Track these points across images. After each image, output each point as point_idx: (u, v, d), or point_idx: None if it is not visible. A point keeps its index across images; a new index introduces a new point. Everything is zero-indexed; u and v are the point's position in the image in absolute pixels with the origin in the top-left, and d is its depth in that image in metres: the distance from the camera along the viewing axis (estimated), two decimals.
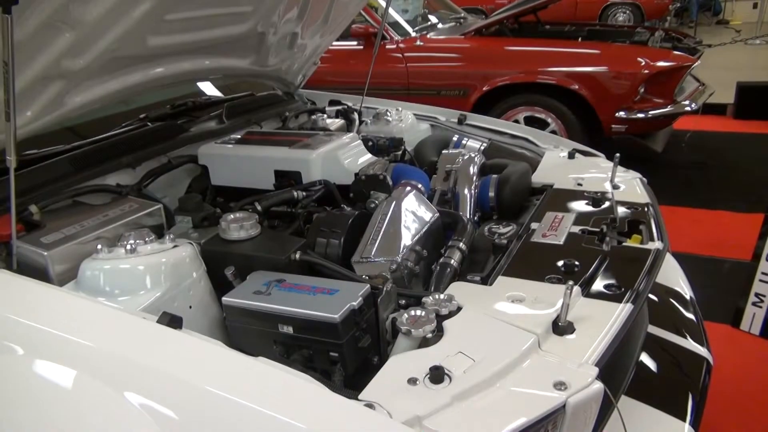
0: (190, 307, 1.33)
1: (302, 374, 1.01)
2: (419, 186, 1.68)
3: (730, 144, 5.55)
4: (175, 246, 1.34)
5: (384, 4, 4.97)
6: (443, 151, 1.98)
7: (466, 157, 1.90)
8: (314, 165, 1.74)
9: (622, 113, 4.14)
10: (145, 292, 1.26)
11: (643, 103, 4.16)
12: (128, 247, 1.29)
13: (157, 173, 1.80)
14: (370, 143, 1.98)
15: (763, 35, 11.37)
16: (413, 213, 1.55)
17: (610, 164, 2.16)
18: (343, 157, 1.76)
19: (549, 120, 4.36)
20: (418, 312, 1.18)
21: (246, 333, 1.27)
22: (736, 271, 3.01)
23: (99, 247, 1.32)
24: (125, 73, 1.80)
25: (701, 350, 1.66)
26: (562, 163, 2.15)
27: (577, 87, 4.15)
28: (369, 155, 1.86)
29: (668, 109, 4.17)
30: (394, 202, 1.55)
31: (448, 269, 1.45)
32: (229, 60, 2.25)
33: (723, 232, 3.75)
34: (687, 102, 4.31)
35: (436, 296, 1.23)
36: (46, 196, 1.57)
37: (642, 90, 4.10)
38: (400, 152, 2.02)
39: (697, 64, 4.24)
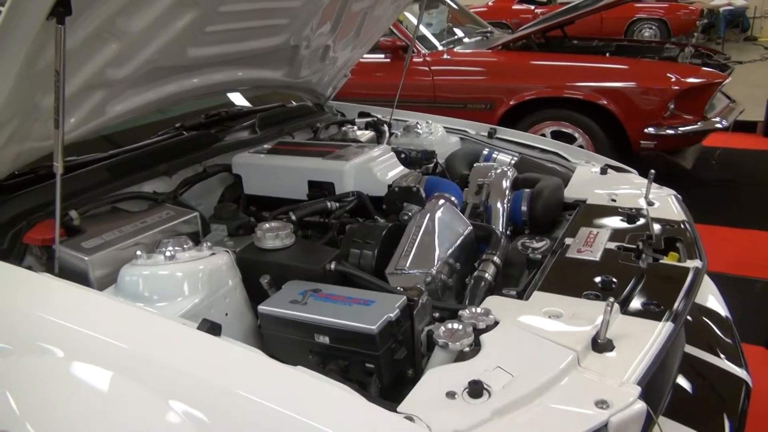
0: (226, 314, 1.34)
1: (342, 385, 1.01)
2: (452, 199, 1.67)
3: (760, 162, 5.46)
4: (212, 254, 1.36)
5: (412, 19, 5.01)
6: (475, 165, 1.98)
7: (498, 171, 1.89)
8: (347, 176, 1.75)
9: (651, 129, 4.10)
10: (182, 298, 1.28)
11: (672, 119, 4.12)
12: (167, 253, 1.31)
13: (192, 181, 1.83)
14: (403, 155, 1.99)
15: None
16: (447, 226, 1.55)
17: (644, 180, 2.14)
18: (376, 168, 1.77)
19: (576, 135, 4.34)
20: (456, 325, 1.17)
21: (281, 342, 1.27)
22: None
23: (138, 253, 1.34)
24: (163, 83, 1.84)
25: (740, 372, 1.62)
26: (594, 179, 2.13)
27: (605, 102, 4.12)
28: (401, 167, 1.87)
29: (698, 125, 4.12)
30: (428, 215, 1.55)
31: (483, 283, 1.44)
32: (262, 71, 2.28)
33: (754, 251, 3.68)
34: (717, 119, 4.25)
35: (473, 310, 1.23)
36: (85, 202, 1.60)
37: (672, 106, 4.06)
38: (431, 165, 2.02)
39: (728, 81, 4.19)
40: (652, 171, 1.89)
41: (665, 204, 1.88)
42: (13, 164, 1.49)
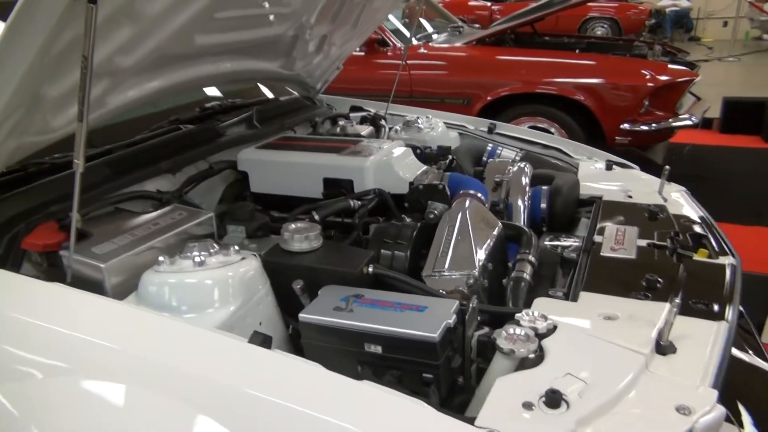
0: (260, 323, 1.24)
1: (413, 398, 0.94)
2: (480, 196, 1.62)
3: (720, 158, 5.66)
4: (242, 258, 1.25)
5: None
6: (489, 161, 1.93)
7: (516, 168, 1.85)
8: (368, 173, 1.66)
9: (626, 125, 4.17)
10: (215, 308, 1.17)
11: (646, 115, 4.20)
12: (197, 259, 1.20)
13: (198, 179, 1.71)
14: (418, 151, 1.92)
15: (738, 53, 11.75)
16: (479, 225, 1.49)
17: (647, 176, 2.15)
18: (396, 165, 1.69)
19: (552, 130, 4.36)
20: (518, 330, 1.11)
21: (324, 352, 1.18)
22: (752, 284, 3.03)
23: (161, 258, 1.22)
24: (163, 74, 1.71)
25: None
26: (600, 175, 2.12)
27: (583, 98, 4.16)
28: (420, 164, 1.79)
29: (671, 122, 4.22)
30: (461, 213, 1.49)
31: (522, 283, 1.39)
32: (259, 63, 2.17)
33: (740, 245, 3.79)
34: (687, 116, 4.37)
35: (530, 313, 1.17)
36: (86, 203, 1.46)
37: (647, 103, 4.14)
38: (446, 161, 1.96)
39: (698, 78, 4.30)
40: (667, 167, 1.89)
41: (679, 200, 1.88)
42: (9, 160, 1.34)
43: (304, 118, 2.31)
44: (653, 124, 4.20)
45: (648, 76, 4.13)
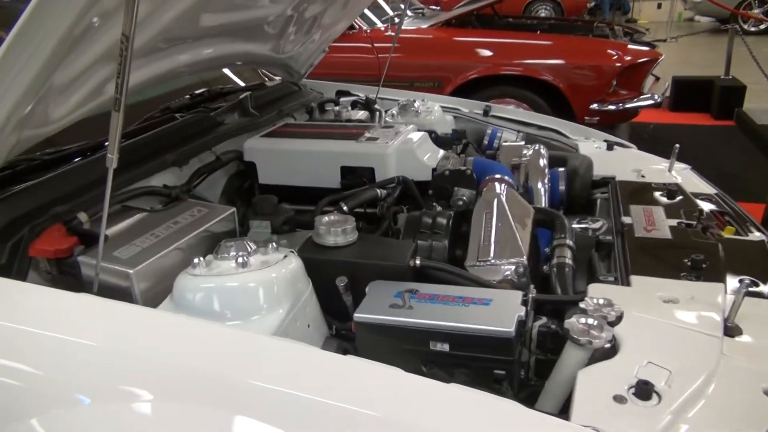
0: (308, 326, 1.15)
1: (505, 399, 0.88)
2: (509, 181, 1.57)
3: (675, 135, 5.85)
4: (285, 256, 1.15)
5: None
6: (504, 144, 1.88)
7: (532, 150, 1.81)
8: (390, 160, 1.58)
9: (595, 105, 4.22)
10: (263, 313, 1.07)
11: (614, 95, 4.26)
12: (239, 260, 1.09)
13: (207, 171, 1.58)
14: (433, 135, 1.85)
15: (676, 35, 12.18)
16: (515, 210, 1.44)
17: (644, 155, 2.16)
18: (419, 151, 1.62)
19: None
20: (589, 320, 1.07)
21: (382, 353, 1.11)
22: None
23: (196, 261, 1.11)
24: (160, 59, 1.57)
25: None
26: (602, 155, 2.12)
27: (554, 79, 4.18)
28: (438, 149, 1.73)
29: (637, 101, 4.30)
30: (497, 199, 1.43)
31: (567, 269, 1.35)
32: (250, 45, 2.03)
33: None
34: (650, 95, 4.47)
35: (595, 301, 1.13)
36: (92, 202, 1.32)
37: (614, 83, 4.20)
38: (461, 145, 1.90)
39: (662, 57, 4.40)
40: (677, 145, 1.89)
41: (687, 178, 1.89)
42: (7, 157, 1.19)
43: (299, 104, 2.19)
44: (620, 104, 4.27)
45: (615, 56, 4.19)
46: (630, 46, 4.53)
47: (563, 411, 1.06)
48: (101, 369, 0.88)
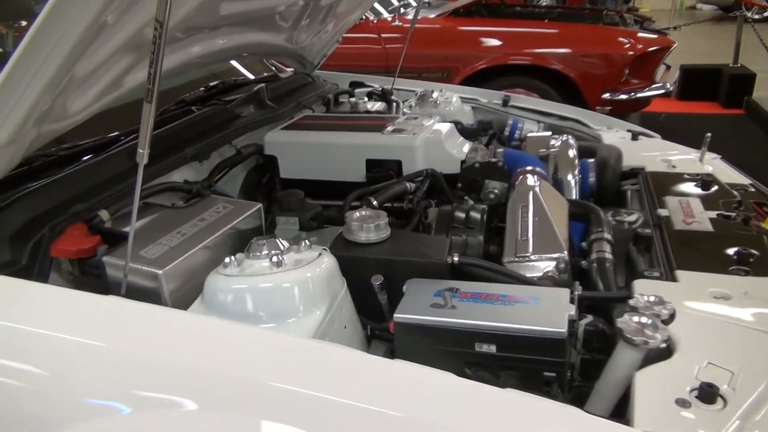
0: (345, 327, 1.10)
1: (564, 404, 0.83)
2: (542, 172, 1.51)
3: (684, 124, 5.78)
4: (319, 254, 1.10)
5: None
6: (529, 135, 1.82)
7: (560, 141, 1.75)
8: (418, 152, 1.53)
9: (607, 95, 4.15)
10: (297, 316, 1.02)
11: (626, 84, 4.20)
12: (273, 258, 1.04)
13: (228, 166, 1.52)
14: (459, 126, 1.79)
15: (680, 24, 12.09)
16: (551, 203, 1.39)
17: (670, 144, 2.10)
18: (447, 143, 1.56)
19: None
20: (642, 319, 1.02)
21: (423, 354, 1.06)
22: None
23: (228, 260, 1.05)
24: (176, 50, 1.51)
25: None
26: (627, 145, 2.06)
27: (565, 68, 4.12)
28: (466, 141, 1.67)
29: (649, 90, 4.24)
30: (532, 192, 1.38)
31: (607, 264, 1.30)
32: (265, 35, 1.98)
33: None
34: (662, 84, 4.40)
35: (645, 298, 1.08)
36: (111, 199, 1.27)
37: (627, 72, 4.13)
38: (487, 137, 1.84)
39: (675, 45, 4.33)
40: (709, 134, 1.84)
41: (721, 168, 1.84)
42: (26, 152, 1.13)
43: (315, 96, 2.13)
44: (633, 93, 4.21)
45: (628, 45, 4.12)
46: (642, 34, 4.46)
47: (615, 414, 1.01)
48: (139, 376, 0.83)
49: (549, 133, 1.83)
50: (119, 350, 0.85)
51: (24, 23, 2.39)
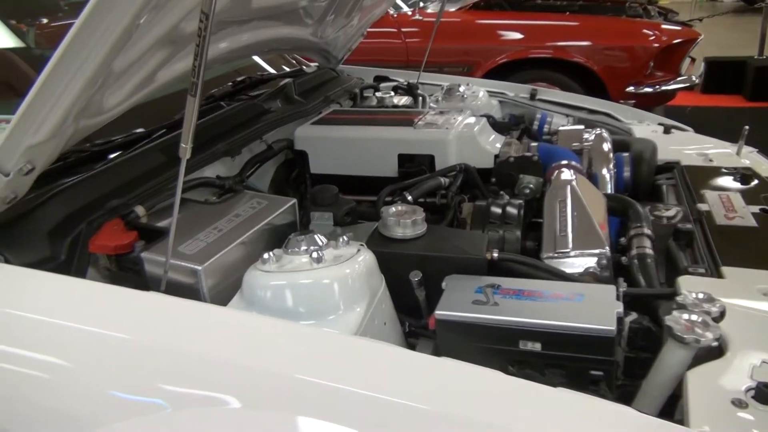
0: (385, 323, 1.09)
1: (615, 403, 0.81)
2: (578, 166, 1.48)
3: (710, 117, 5.68)
4: (358, 250, 1.09)
5: None
6: (561, 128, 1.79)
7: (593, 135, 1.72)
8: (451, 147, 1.51)
9: (631, 88, 4.09)
10: (337, 313, 1.00)
11: (650, 77, 4.13)
12: (313, 254, 1.02)
13: (260, 161, 1.51)
14: (491, 120, 1.76)
15: (701, 16, 11.88)
16: (588, 197, 1.36)
17: (705, 138, 2.06)
18: (480, 137, 1.54)
19: None
20: (692, 316, 0.99)
21: (463, 352, 1.04)
22: None
23: (266, 256, 1.04)
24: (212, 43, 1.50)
25: None
26: (660, 139, 2.01)
27: (587, 61, 4.06)
28: (499, 135, 1.64)
29: (674, 83, 4.17)
30: (569, 186, 1.35)
31: (649, 260, 1.27)
32: (291, 29, 1.96)
33: None
34: (687, 76, 4.33)
35: (693, 295, 1.05)
36: (146, 195, 1.26)
37: (652, 64, 4.06)
38: (518, 131, 1.81)
39: (701, 38, 4.25)
40: (746, 127, 1.79)
41: (758, 161, 1.79)
42: (64, 147, 1.13)
43: (342, 90, 2.11)
44: (657, 86, 4.14)
45: (653, 37, 4.05)
46: (666, 26, 4.38)
47: (662, 414, 0.99)
48: (183, 373, 0.82)
49: (582, 127, 1.80)
50: (163, 347, 0.84)
51: (45, 20, 2.41)
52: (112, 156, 1.36)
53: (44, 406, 0.87)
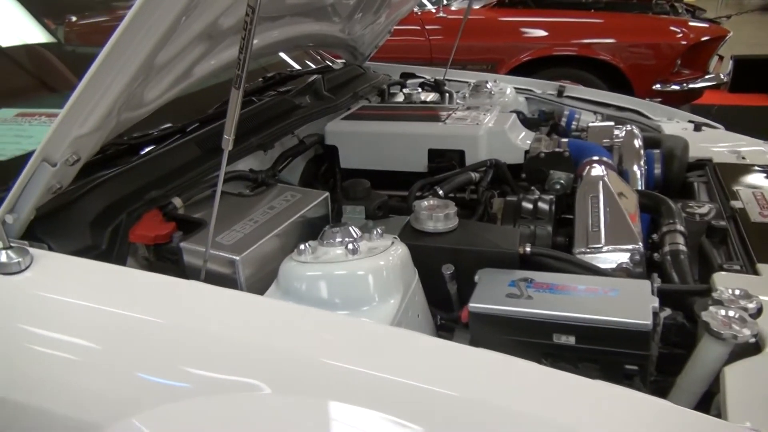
0: (418, 315, 1.10)
1: (654, 397, 0.81)
2: (609, 162, 1.48)
3: (737, 116, 5.59)
4: (392, 242, 1.10)
5: None
6: (591, 124, 1.78)
7: (623, 131, 1.71)
8: (482, 142, 1.51)
9: (658, 86, 4.05)
10: (372, 304, 1.02)
11: (677, 75, 4.08)
12: (349, 246, 1.04)
13: (292, 155, 1.53)
14: (521, 116, 1.76)
15: (728, 14, 11.67)
16: (620, 193, 1.36)
17: (742, 136, 2.03)
18: (511, 132, 1.54)
19: None
20: (730, 312, 0.98)
21: (497, 345, 1.04)
22: None
23: (302, 247, 1.06)
24: (235, 42, 1.52)
25: None
26: (691, 136, 2.00)
27: (613, 58, 4.02)
28: (529, 131, 1.64)
29: (702, 81, 4.11)
30: (601, 182, 1.35)
31: (682, 256, 1.26)
32: (320, 26, 1.98)
33: None
34: (715, 74, 4.27)
35: (730, 291, 1.04)
36: (183, 187, 1.29)
37: (679, 62, 4.01)
38: (548, 127, 1.81)
39: (730, 35, 4.19)
40: None
41: None
42: (106, 139, 1.15)
43: (370, 87, 2.12)
44: (685, 84, 4.09)
45: (680, 34, 4.00)
46: (694, 23, 4.32)
47: (699, 409, 0.98)
48: (223, 358, 0.84)
49: (612, 123, 1.79)
50: (200, 332, 0.86)
51: (74, 18, 2.46)
52: (148, 149, 1.38)
53: (92, 389, 0.89)
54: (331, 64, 2.37)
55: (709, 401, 0.97)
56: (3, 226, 0.96)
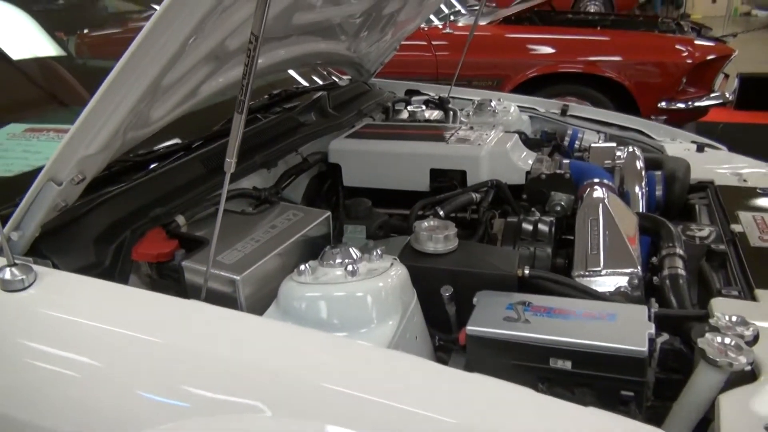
0: (416, 337, 1.11)
1: (647, 425, 0.81)
2: (610, 184, 1.48)
3: (744, 135, 5.58)
4: (391, 263, 1.11)
5: None
6: (593, 145, 1.79)
7: (625, 152, 1.72)
8: (483, 163, 1.52)
9: (663, 104, 4.06)
10: (370, 326, 1.02)
11: (683, 93, 4.09)
12: (349, 267, 1.05)
13: (295, 173, 1.55)
14: (523, 136, 1.78)
15: (735, 32, 11.68)
16: (620, 216, 1.36)
17: (744, 158, 2.04)
18: (512, 153, 1.55)
19: None
20: (725, 339, 0.99)
21: (493, 368, 1.05)
22: None
23: (302, 267, 1.07)
24: (242, 61, 1.55)
25: None
26: (693, 157, 2.00)
27: (619, 76, 4.04)
28: (530, 152, 1.65)
29: (707, 99, 4.12)
30: (601, 205, 1.36)
31: (681, 281, 1.26)
32: (326, 44, 2.00)
33: None
34: (720, 93, 4.27)
35: (726, 318, 1.05)
36: (186, 205, 1.30)
37: (684, 80, 4.03)
38: (550, 147, 1.82)
39: (736, 54, 4.20)
40: None
41: None
42: (112, 158, 1.17)
43: (375, 104, 2.15)
44: (690, 102, 4.09)
45: (686, 53, 4.01)
46: (699, 42, 4.34)
47: None
48: (221, 379, 0.85)
49: (614, 144, 1.80)
50: (199, 353, 0.87)
51: (86, 31, 2.50)
52: (152, 166, 1.40)
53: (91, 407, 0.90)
54: (337, 81, 2.40)
55: (705, 428, 0.97)
56: (8, 243, 0.98)
